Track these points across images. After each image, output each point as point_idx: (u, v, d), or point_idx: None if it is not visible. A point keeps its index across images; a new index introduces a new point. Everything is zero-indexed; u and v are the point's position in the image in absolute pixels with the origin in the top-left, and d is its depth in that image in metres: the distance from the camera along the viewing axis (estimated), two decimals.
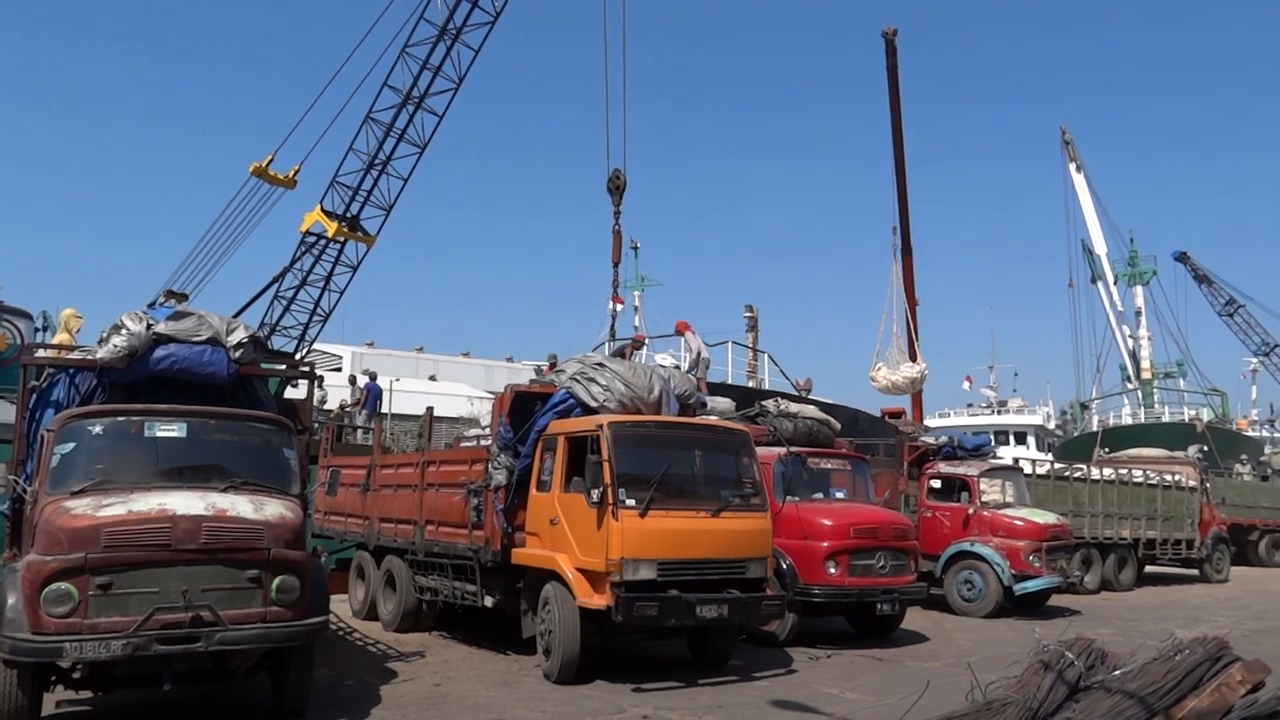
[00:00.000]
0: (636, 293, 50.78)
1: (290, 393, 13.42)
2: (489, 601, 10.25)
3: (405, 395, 30.40)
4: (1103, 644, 6.61)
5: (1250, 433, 52.90)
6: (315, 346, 28.79)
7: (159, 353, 8.08)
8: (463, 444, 15.51)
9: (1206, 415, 47.33)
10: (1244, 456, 37.01)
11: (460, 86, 20.72)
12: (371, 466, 12.95)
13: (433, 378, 44.04)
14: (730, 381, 21.83)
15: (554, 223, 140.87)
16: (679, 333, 18.80)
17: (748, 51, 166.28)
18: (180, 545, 6.55)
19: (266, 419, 8.15)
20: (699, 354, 18.22)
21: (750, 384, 24.18)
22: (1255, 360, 61.91)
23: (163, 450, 7.50)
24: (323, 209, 21.51)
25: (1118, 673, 6.01)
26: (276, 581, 6.81)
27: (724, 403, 14.40)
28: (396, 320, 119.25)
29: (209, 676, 7.25)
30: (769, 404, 14.13)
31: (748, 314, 34.46)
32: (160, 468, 7.40)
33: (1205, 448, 32.82)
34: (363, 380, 22.62)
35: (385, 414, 23.36)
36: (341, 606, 12.89)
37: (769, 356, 25.81)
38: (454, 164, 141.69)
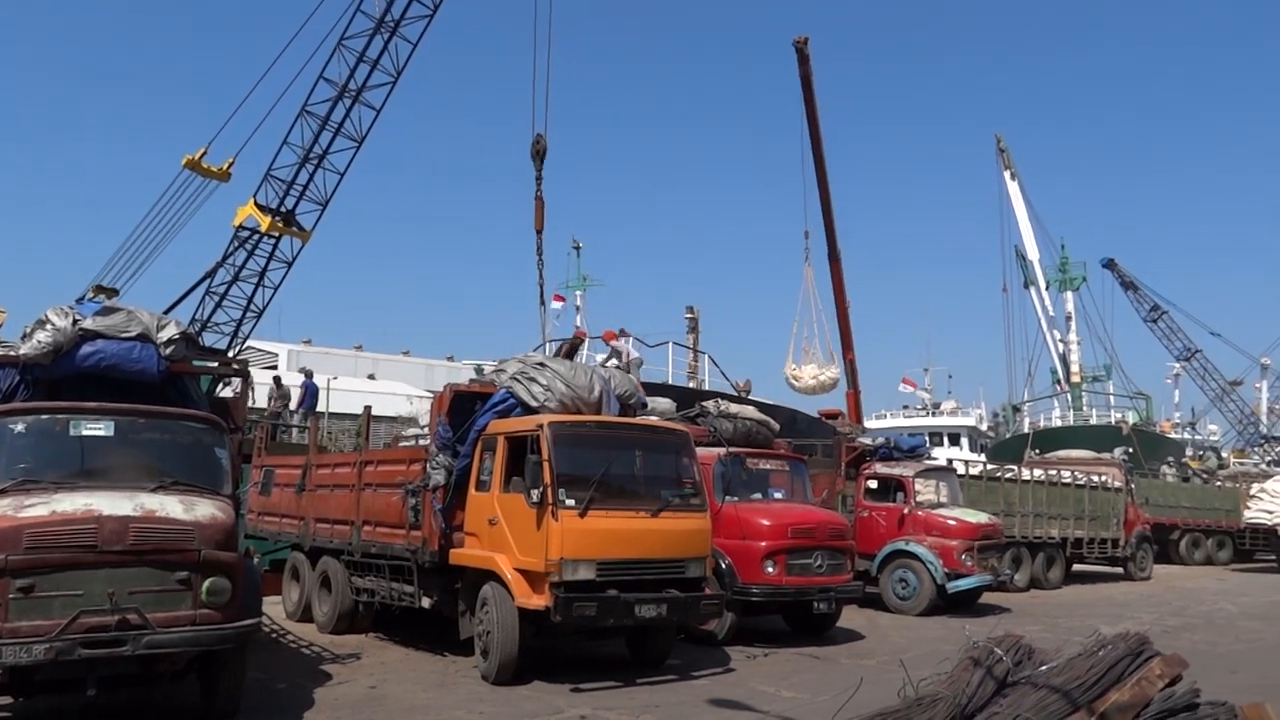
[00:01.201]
0: (578, 292, 50.75)
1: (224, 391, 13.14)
2: (426, 602, 10.17)
3: (343, 394, 29.94)
4: (1030, 640, 6.77)
5: (1173, 435, 54.69)
6: (250, 344, 28.24)
7: (86, 349, 7.88)
8: (401, 444, 15.34)
9: (1132, 418, 48.75)
10: (1170, 459, 38.24)
11: (398, 80, 20.50)
12: (307, 466, 12.75)
13: (372, 376, 43.47)
14: (671, 382, 21.93)
15: (497, 219, 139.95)
16: (606, 342, 18.91)
17: (695, 64, 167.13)
18: (106, 546, 6.38)
19: (198, 417, 7.98)
20: (628, 357, 18.34)
21: (691, 385, 24.35)
22: (1178, 365, 64.04)
23: (89, 449, 7.31)
24: (256, 203, 21.10)
25: (1044, 668, 6.15)
26: (207, 583, 6.68)
27: (664, 403, 14.48)
28: (335, 318, 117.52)
29: (136, 681, 7.06)
30: (709, 405, 14.24)
31: (688, 315, 34.71)
32: (86, 467, 7.22)
33: (1130, 450, 33.82)
34: (299, 379, 22.24)
35: (323, 413, 23.01)
36: (275, 608, 12.68)
37: (709, 357, 26.07)
38: (395, 158, 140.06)
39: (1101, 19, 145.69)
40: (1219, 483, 34.40)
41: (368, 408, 12.85)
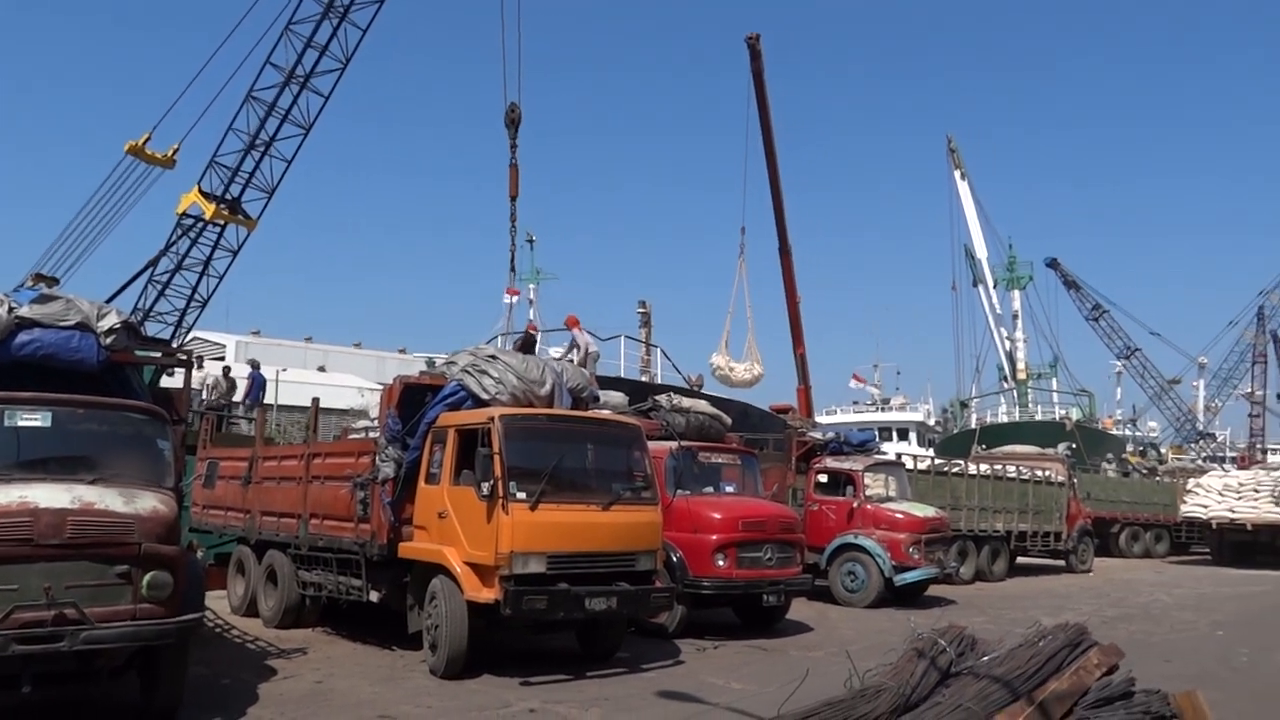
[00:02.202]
0: (532, 286, 50.54)
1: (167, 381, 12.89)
2: (374, 596, 10.07)
3: (292, 386, 29.53)
4: (974, 632, 6.90)
5: (1114, 431, 55.86)
6: (196, 334, 27.71)
7: (22, 337, 7.66)
8: (350, 436, 15.17)
9: (1075, 415, 49.74)
10: (1110, 455, 39.10)
11: (347, 67, 20.26)
12: (254, 459, 12.55)
13: (322, 368, 43.00)
14: (623, 376, 21.92)
15: (454, 214, 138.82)
16: (568, 327, 18.80)
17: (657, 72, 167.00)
18: (43, 540, 6.22)
19: (139, 408, 7.80)
20: (587, 350, 18.24)
21: (643, 378, 24.35)
22: (1119, 364, 65.60)
23: (25, 440, 7.12)
24: (200, 190, 20.74)
25: (986, 658, 6.28)
26: (147, 578, 6.53)
27: (617, 397, 14.44)
28: (285, 309, 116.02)
29: (73, 677, 6.89)
30: (661, 399, 14.27)
31: (641, 310, 34.73)
32: (22, 459, 7.02)
33: (1073, 445, 34.54)
34: (245, 370, 21.87)
35: (271, 405, 22.68)
36: (220, 603, 12.48)
37: (662, 351, 26.09)
38: (344, 148, 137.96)
39: (1052, 31, 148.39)
40: (1158, 478, 35.28)
41: (316, 399, 12.70)
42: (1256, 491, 27.34)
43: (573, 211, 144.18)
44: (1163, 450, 56.73)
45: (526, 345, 16.62)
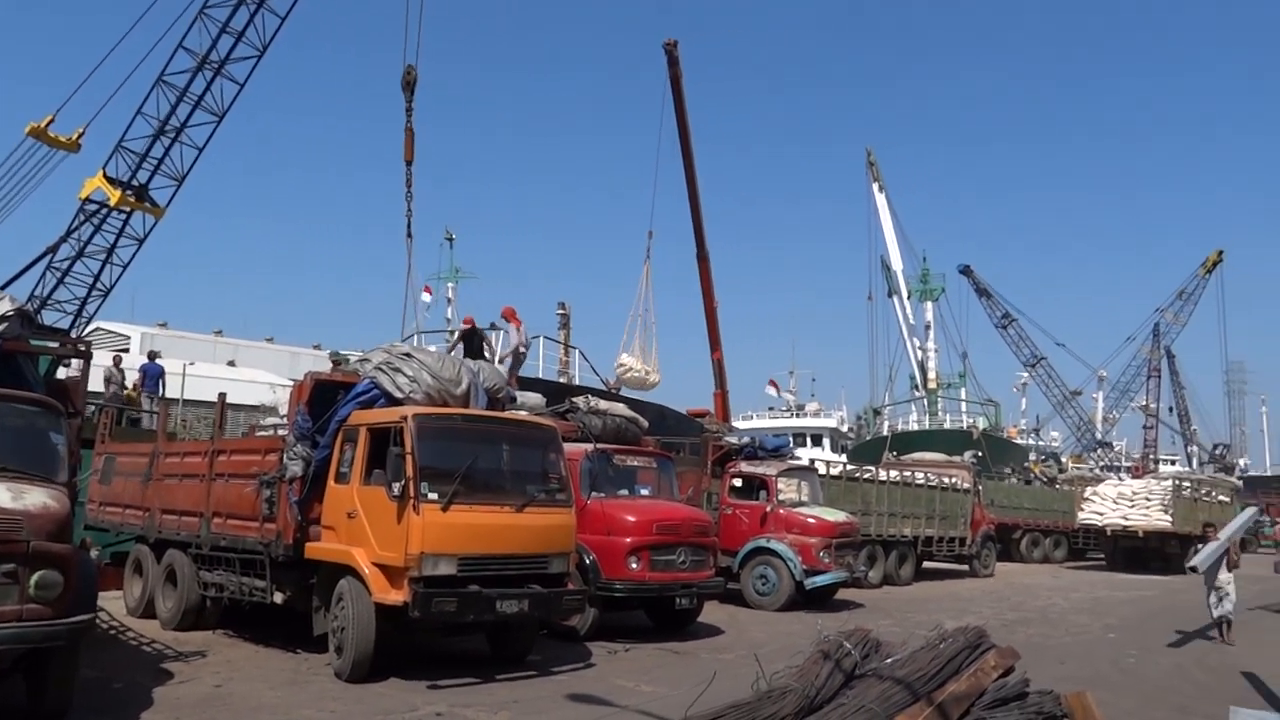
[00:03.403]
0: (450, 284, 50.05)
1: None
2: (279, 598, 9.83)
3: (200, 380, 28.67)
4: (879, 634, 7.06)
5: (1018, 440, 57.78)
6: (98, 324, 26.68)
7: None
8: (259, 433, 14.79)
9: (982, 423, 51.31)
10: (1013, 465, 40.40)
11: (264, 55, 19.73)
12: (155, 454, 12.13)
13: (232, 363, 41.92)
14: (542, 377, 21.83)
15: (369, 208, 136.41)
16: (505, 318, 18.60)
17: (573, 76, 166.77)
18: None
19: (31, 400, 7.49)
20: (517, 348, 18.11)
21: (562, 380, 24.27)
22: (1025, 375, 67.82)
23: None
24: (105, 175, 19.97)
25: (889, 661, 6.43)
26: (35, 577, 6.26)
27: (534, 398, 14.39)
28: (194, 301, 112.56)
29: None
30: (579, 401, 14.26)
31: (560, 311, 34.61)
32: None
33: (979, 453, 35.60)
34: (140, 362, 21.14)
35: (176, 399, 21.97)
36: (115, 604, 12.08)
37: (580, 353, 26.04)
38: (260, 136, 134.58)
39: (970, 47, 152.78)
40: (1058, 486, 36.57)
41: (222, 395, 12.30)
42: (1148, 500, 28.58)
43: (492, 211, 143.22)
44: (1063, 459, 58.89)
45: (469, 339, 16.43)
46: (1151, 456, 66.55)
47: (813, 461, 21.21)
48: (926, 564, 23.83)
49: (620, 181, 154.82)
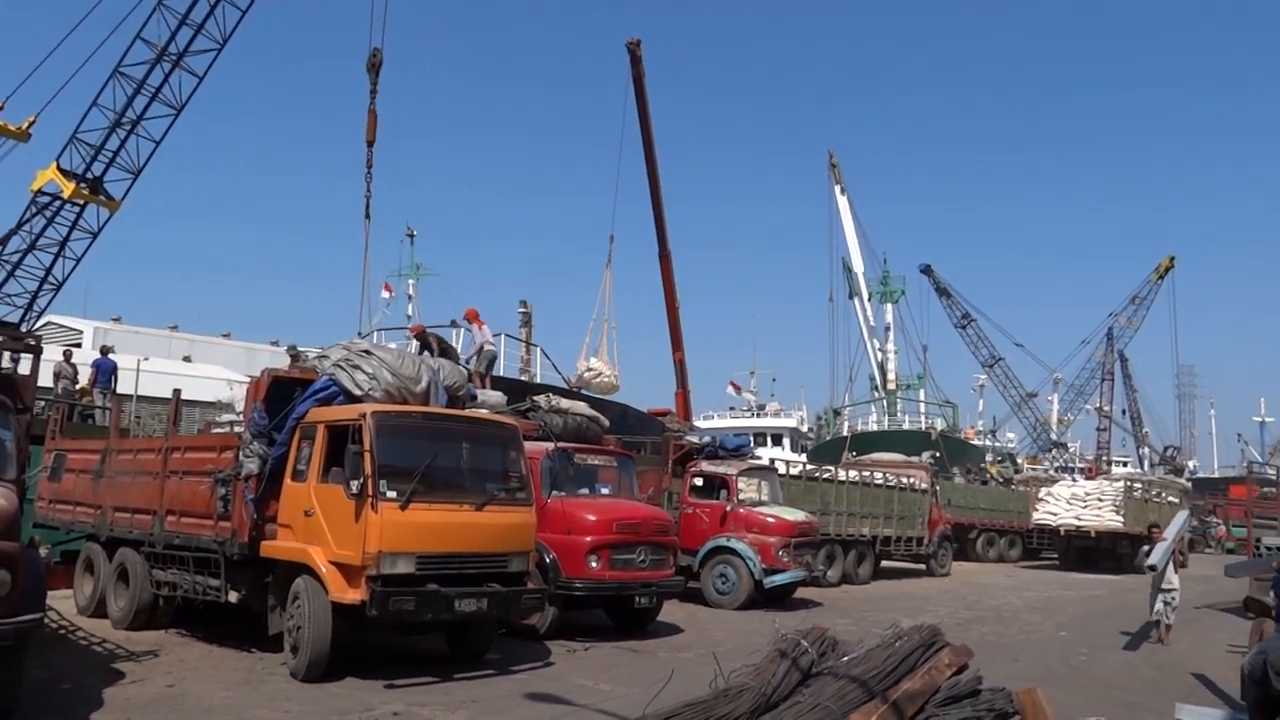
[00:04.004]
0: (411, 281, 49.65)
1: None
2: (234, 597, 9.72)
3: (155, 376, 28.16)
4: (836, 633, 7.11)
5: (975, 441, 58.51)
6: (49, 318, 26.15)
7: None
8: (214, 430, 14.58)
9: (940, 425, 51.91)
10: (970, 466, 40.92)
11: (224, 47, 19.49)
12: (107, 451, 11.93)
13: (187, 358, 41.27)
14: (503, 375, 21.74)
15: (332, 206, 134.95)
16: (468, 320, 18.49)
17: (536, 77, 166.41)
18: None
19: None
20: (482, 347, 18.01)
21: (523, 378, 24.19)
22: (983, 377, 68.81)
23: None
24: (59, 167, 19.61)
25: (845, 659, 6.48)
26: None
27: (495, 396, 14.30)
28: (149, 295, 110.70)
29: None
30: (540, 399, 14.22)
31: (522, 309, 34.45)
32: None
33: (937, 454, 36.03)
34: (92, 357, 20.76)
35: (130, 395, 21.59)
36: (65, 603, 11.87)
37: (542, 351, 25.97)
38: (220, 126, 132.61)
39: (932, 54, 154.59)
40: (1014, 487, 37.10)
41: (177, 391, 12.12)
42: (1100, 501, 29.11)
43: (455, 210, 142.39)
44: (1019, 460, 59.75)
45: (428, 347, 16.19)
46: (1105, 458, 67.77)
47: (773, 461, 21.34)
48: (884, 563, 24.07)
49: (581, 182, 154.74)
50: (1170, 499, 34.47)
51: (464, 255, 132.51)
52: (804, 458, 38.39)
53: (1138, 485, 31.98)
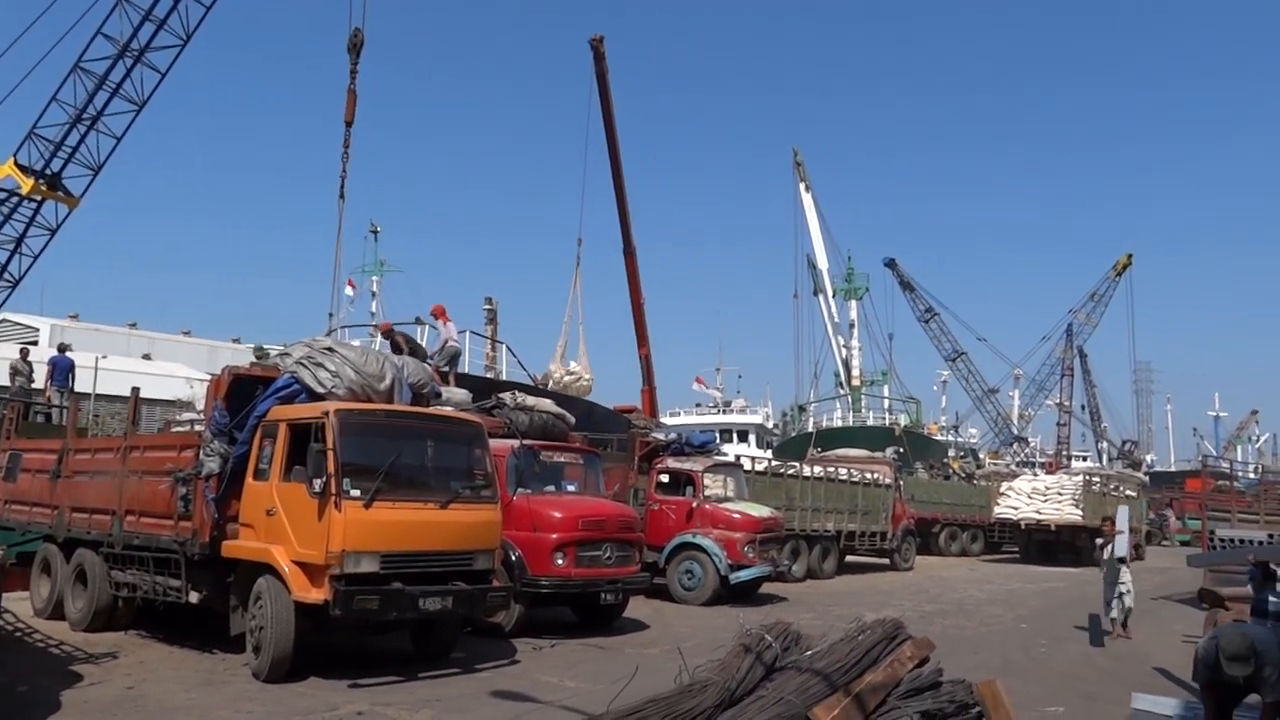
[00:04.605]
0: (374, 278, 49.26)
1: None
2: (195, 597, 9.63)
3: (114, 374, 27.70)
4: (800, 627, 7.17)
5: (939, 437, 59.17)
6: (5, 315, 25.68)
7: None
8: (174, 428, 14.40)
9: (904, 420, 52.41)
10: (933, 461, 41.35)
11: (188, 43, 19.24)
12: (64, 451, 11.74)
13: (147, 356, 40.69)
14: (468, 372, 21.64)
15: (295, 205, 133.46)
16: (434, 316, 18.39)
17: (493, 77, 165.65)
18: None
19: None
20: (446, 343, 17.91)
21: (489, 375, 24.09)
22: (946, 372, 69.58)
23: None
24: (16, 162, 19.24)
25: (809, 653, 6.54)
26: None
27: (460, 394, 14.24)
28: (108, 292, 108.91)
29: None
30: (506, 396, 14.17)
31: (487, 306, 34.31)
32: None
33: (901, 449, 36.37)
34: (49, 355, 20.40)
35: (89, 394, 21.24)
36: (21, 605, 11.67)
37: (507, 348, 25.86)
38: (182, 121, 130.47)
39: (897, 53, 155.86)
40: (976, 482, 37.54)
41: (136, 389, 11.96)
42: (1060, 494, 29.51)
43: (419, 208, 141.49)
44: (981, 455, 60.46)
45: (397, 346, 16.09)
46: (1064, 452, 68.88)
47: (738, 457, 21.43)
48: (849, 558, 24.26)
49: (547, 180, 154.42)
50: (1128, 493, 35.01)
51: (428, 251, 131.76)
52: (769, 454, 38.59)
53: (1096, 479, 32.43)
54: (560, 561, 11.60)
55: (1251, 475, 34.90)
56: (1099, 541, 13.88)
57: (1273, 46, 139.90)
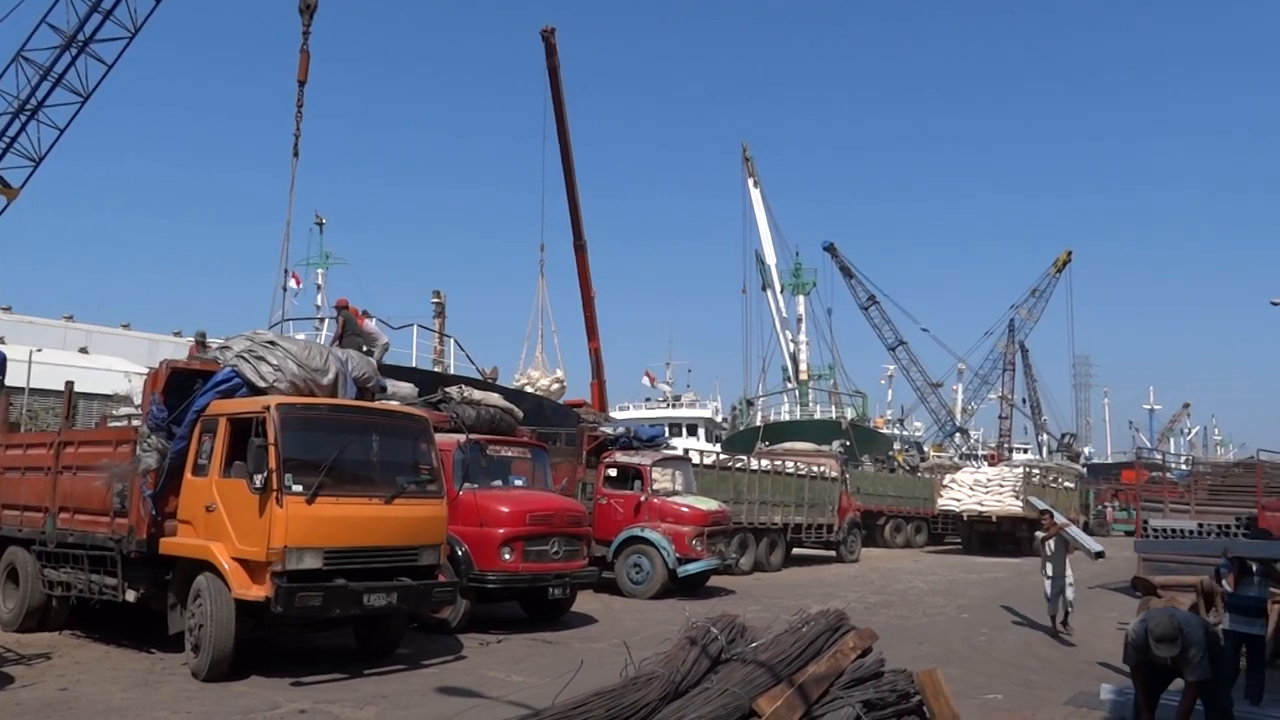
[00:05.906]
0: (320, 270, 48.52)
1: None
2: (132, 596, 9.42)
3: (48, 368, 27.02)
4: (746, 620, 7.23)
5: (884, 430, 59.93)
6: None
7: None
8: (111, 423, 14.05)
9: (850, 414, 52.97)
10: (878, 454, 41.90)
11: (136, 35, 18.78)
12: None
13: (84, 349, 39.74)
14: (415, 366, 21.44)
15: (237, 186, 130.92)
16: (338, 309, 18.25)
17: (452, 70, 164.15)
18: None
19: None
20: (374, 339, 17.75)
21: (436, 369, 23.90)
22: (892, 367, 70.51)
23: None
24: None
25: (754, 645, 6.59)
26: None
27: (406, 388, 14.10)
28: (43, 284, 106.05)
29: None
30: (453, 391, 14.05)
31: (435, 299, 34.01)
32: None
33: (847, 443, 36.78)
34: None
35: (20, 388, 20.68)
36: None
37: (455, 342, 25.68)
38: (125, 111, 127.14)
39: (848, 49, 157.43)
40: (920, 474, 38.13)
41: (70, 383, 11.67)
42: (1001, 486, 30.14)
43: (367, 203, 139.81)
44: (926, 448, 61.41)
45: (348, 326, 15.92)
46: (1006, 445, 70.19)
47: (687, 451, 21.50)
48: (796, 550, 24.45)
49: (499, 174, 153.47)
50: (1066, 484, 35.86)
51: (375, 244, 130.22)
52: (719, 447, 38.78)
53: (1036, 471, 33.15)
54: (507, 556, 11.54)
55: (1184, 467, 35.87)
56: (1039, 535, 14.14)
57: (1202, 43, 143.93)
